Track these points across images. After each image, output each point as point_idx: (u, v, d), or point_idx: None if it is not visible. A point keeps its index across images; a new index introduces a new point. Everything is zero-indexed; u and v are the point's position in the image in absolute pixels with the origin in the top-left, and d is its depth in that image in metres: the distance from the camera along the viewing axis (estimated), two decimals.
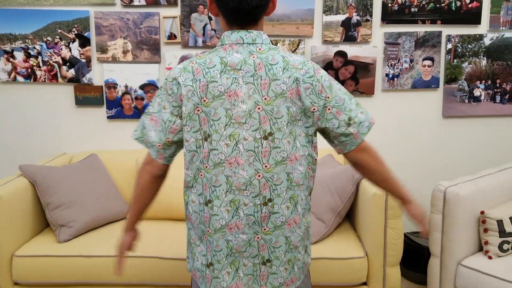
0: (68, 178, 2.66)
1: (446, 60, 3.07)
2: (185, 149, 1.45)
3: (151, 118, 1.46)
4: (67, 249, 2.40)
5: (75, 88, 3.10)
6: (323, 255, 2.33)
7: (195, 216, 1.49)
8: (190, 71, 1.41)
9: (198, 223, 1.49)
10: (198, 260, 1.52)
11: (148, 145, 1.49)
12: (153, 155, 1.49)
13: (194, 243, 1.53)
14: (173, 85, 1.42)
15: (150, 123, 1.46)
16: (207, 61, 1.42)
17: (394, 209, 2.27)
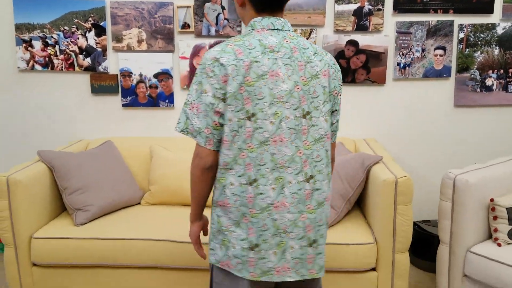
0: (84, 164, 2.73)
1: (458, 49, 3.07)
2: (227, 129, 1.46)
3: (191, 107, 1.46)
4: (84, 232, 2.47)
5: (91, 76, 3.16)
6: (333, 240, 2.37)
7: (234, 199, 1.49)
8: (230, 52, 1.44)
9: (238, 205, 1.49)
10: (235, 246, 1.51)
11: (194, 134, 1.47)
12: (201, 142, 1.47)
13: (227, 229, 1.51)
14: (214, 66, 1.43)
15: (192, 111, 1.46)
16: (245, 43, 1.47)
17: (404, 196, 2.30)
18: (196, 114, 1.46)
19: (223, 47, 1.46)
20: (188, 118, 1.47)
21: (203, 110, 1.45)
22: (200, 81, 1.45)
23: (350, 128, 3.20)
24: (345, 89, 3.15)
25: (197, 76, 1.46)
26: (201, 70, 1.45)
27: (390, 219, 2.33)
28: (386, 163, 2.54)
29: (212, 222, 1.56)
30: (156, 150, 2.95)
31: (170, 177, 2.81)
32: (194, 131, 1.47)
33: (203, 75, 1.44)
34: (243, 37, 1.49)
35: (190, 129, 1.48)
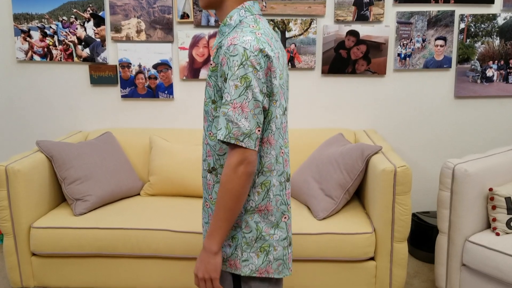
0: (83, 154, 2.73)
1: (459, 39, 3.06)
2: (274, 126, 1.39)
3: (233, 107, 1.29)
4: (83, 221, 2.47)
5: (90, 67, 3.16)
6: (332, 230, 2.37)
7: (276, 199, 1.45)
8: (265, 42, 1.36)
9: (279, 205, 1.46)
10: (277, 248, 1.46)
11: (241, 137, 1.30)
12: (252, 145, 1.31)
13: (267, 234, 1.44)
14: (260, 58, 1.31)
15: (235, 112, 1.29)
16: (265, 31, 1.40)
17: (403, 185, 2.30)
18: (242, 114, 1.30)
19: (254, 36, 1.34)
20: (231, 120, 1.30)
21: (252, 108, 1.30)
22: (244, 76, 1.30)
23: (350, 119, 3.19)
24: (345, 80, 3.14)
25: (237, 69, 1.30)
26: (243, 63, 1.30)
27: (389, 208, 2.33)
28: (386, 153, 2.53)
29: (245, 231, 1.43)
30: (156, 141, 2.95)
31: (169, 168, 2.81)
32: (242, 135, 1.30)
33: (248, 68, 1.30)
34: (254, 23, 1.41)
35: (235, 133, 1.30)
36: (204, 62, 3.11)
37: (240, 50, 1.32)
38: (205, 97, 1.47)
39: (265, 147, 1.40)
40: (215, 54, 1.41)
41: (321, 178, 2.62)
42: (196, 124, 3.22)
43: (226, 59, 1.33)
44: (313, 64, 3.11)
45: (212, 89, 1.42)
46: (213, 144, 1.45)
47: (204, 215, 1.54)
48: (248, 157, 1.32)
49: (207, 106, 1.46)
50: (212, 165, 1.46)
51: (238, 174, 1.32)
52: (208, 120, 1.46)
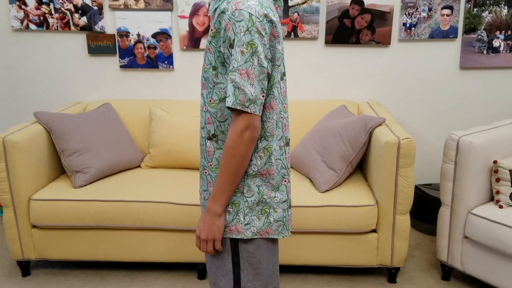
0: (82, 126, 2.69)
1: (466, 9, 2.98)
2: (276, 92, 1.40)
3: (239, 73, 1.29)
4: (83, 193, 2.45)
5: (88, 36, 3.08)
6: (334, 202, 2.35)
7: (276, 163, 1.46)
8: (268, 6, 1.36)
9: (279, 169, 1.47)
10: (277, 210, 1.48)
11: (247, 104, 1.30)
12: (257, 111, 1.32)
13: (268, 197, 1.46)
14: (265, 23, 1.31)
15: (241, 78, 1.29)
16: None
17: (406, 158, 2.27)
18: (248, 80, 1.30)
19: (257, 0, 1.32)
20: (238, 87, 1.30)
21: (257, 75, 1.31)
22: (250, 42, 1.29)
23: (353, 91, 3.14)
24: (349, 50, 3.07)
25: (244, 35, 1.28)
26: (249, 28, 1.28)
27: (392, 181, 2.31)
28: (389, 125, 2.49)
29: (247, 195, 1.44)
30: (156, 112, 2.90)
31: (170, 139, 2.78)
32: (248, 101, 1.31)
33: (255, 34, 1.29)
34: None
35: (241, 99, 1.30)
36: (205, 31, 3.04)
37: (246, 15, 1.30)
38: (205, 63, 1.44)
39: (267, 112, 1.41)
40: (216, 19, 1.38)
41: (323, 150, 2.58)
42: (197, 95, 3.17)
43: (231, 25, 1.31)
44: (316, 34, 3.04)
45: (213, 55, 1.40)
46: (213, 111, 1.43)
47: (203, 182, 1.54)
48: (254, 122, 1.33)
49: (207, 73, 1.43)
50: (213, 132, 1.45)
51: (244, 139, 1.34)
52: (208, 87, 1.44)
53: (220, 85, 1.40)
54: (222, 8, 1.37)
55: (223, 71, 1.39)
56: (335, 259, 2.43)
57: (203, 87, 1.47)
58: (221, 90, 1.40)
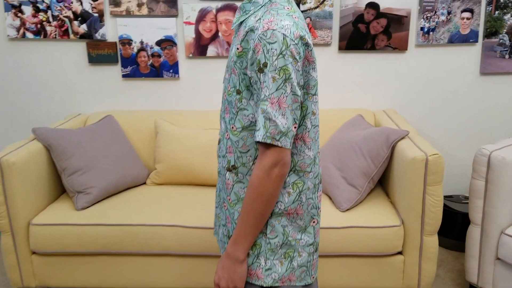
0: (84, 141, 2.52)
1: (487, 11, 2.82)
2: (309, 124, 1.25)
3: (271, 102, 1.14)
4: (86, 217, 2.28)
5: (88, 44, 2.91)
6: (357, 223, 2.20)
7: (307, 203, 1.30)
8: (303, 27, 1.20)
9: (310, 209, 1.31)
10: (302, 254, 1.32)
11: (277, 137, 1.15)
12: (288, 144, 1.17)
13: (293, 239, 1.30)
14: (299, 47, 1.16)
15: (273, 108, 1.14)
16: (300, 14, 1.24)
17: (435, 175, 2.11)
18: (280, 110, 1.15)
19: (292, 20, 1.17)
20: (269, 118, 1.14)
21: (289, 104, 1.15)
22: (283, 67, 1.13)
23: (368, 99, 2.98)
24: (364, 56, 2.91)
25: (276, 59, 1.13)
26: (282, 52, 1.13)
27: (419, 199, 2.15)
28: (413, 138, 2.33)
29: (270, 236, 1.28)
30: (162, 125, 2.74)
31: (177, 154, 2.61)
32: (279, 133, 1.15)
33: (288, 58, 1.13)
34: (289, 4, 1.23)
35: (272, 132, 1.15)
36: (212, 38, 2.87)
37: (280, 37, 1.14)
38: (228, 85, 1.27)
39: (298, 144, 1.26)
40: (243, 37, 1.21)
41: (342, 165, 2.42)
42: (204, 106, 3.00)
43: (262, 46, 1.15)
44: (330, 40, 2.87)
45: (237, 77, 1.24)
46: (235, 139, 1.27)
47: (222, 216, 1.38)
48: (284, 157, 1.18)
49: (230, 96, 1.27)
50: (233, 163, 1.29)
51: (272, 176, 1.18)
52: (231, 112, 1.28)
53: (244, 111, 1.24)
54: (250, 26, 1.20)
55: (247, 96, 1.22)
56: (359, 283, 2.27)
57: (225, 111, 1.30)
58: (244, 117, 1.24)
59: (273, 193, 1.20)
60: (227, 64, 1.30)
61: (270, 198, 1.20)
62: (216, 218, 1.43)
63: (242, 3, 1.28)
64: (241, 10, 1.28)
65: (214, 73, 2.95)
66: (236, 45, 1.24)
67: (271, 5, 1.22)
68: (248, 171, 1.27)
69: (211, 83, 2.96)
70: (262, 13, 1.21)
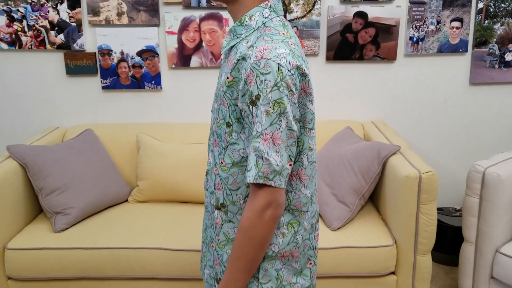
0: (61, 159, 2.40)
1: (477, 21, 2.77)
2: (306, 160, 1.15)
3: (264, 139, 1.04)
4: (65, 239, 2.16)
5: (66, 55, 2.79)
6: (349, 243, 2.12)
7: (304, 244, 1.20)
8: (299, 55, 1.10)
9: (306, 251, 1.21)
10: None
11: (271, 176, 1.05)
12: (282, 184, 1.07)
13: (288, 283, 1.19)
14: (296, 77, 1.06)
15: (266, 144, 1.04)
16: (296, 40, 1.14)
17: (428, 193, 2.04)
18: (273, 147, 1.05)
19: (287, 47, 1.07)
20: (262, 156, 1.04)
21: (284, 140, 1.05)
22: (278, 100, 1.03)
23: (356, 110, 2.91)
24: (352, 66, 2.83)
25: (270, 92, 1.03)
26: (277, 84, 1.03)
27: (412, 218, 2.08)
28: (404, 153, 2.27)
29: (263, 281, 1.17)
30: (144, 140, 2.62)
31: (160, 171, 2.50)
32: (272, 172, 1.05)
33: (284, 90, 1.04)
34: (285, 29, 1.13)
35: (265, 171, 1.05)
36: (195, 48, 2.77)
37: (274, 67, 1.04)
38: (218, 117, 1.17)
39: (293, 181, 1.15)
40: (233, 66, 1.11)
41: (332, 181, 2.35)
42: (188, 118, 2.90)
43: (255, 77, 1.05)
44: (317, 50, 2.79)
45: (227, 109, 1.13)
46: (224, 176, 1.17)
47: (209, 256, 1.28)
48: (278, 198, 1.08)
49: (220, 129, 1.17)
50: (222, 201, 1.19)
51: (265, 219, 1.07)
52: (220, 145, 1.18)
53: (234, 146, 1.14)
54: (241, 53, 1.10)
55: (238, 129, 1.12)
56: None
57: (214, 143, 1.20)
58: (235, 152, 1.14)
59: (266, 237, 1.09)
60: (215, 93, 1.20)
61: (262, 242, 1.09)
62: (203, 256, 1.33)
63: (233, 25, 1.17)
64: (232, 33, 1.17)
65: (198, 85, 2.85)
66: (226, 73, 1.13)
67: (265, 29, 1.12)
68: (239, 210, 1.17)
69: (195, 94, 2.86)
70: (255, 39, 1.11)
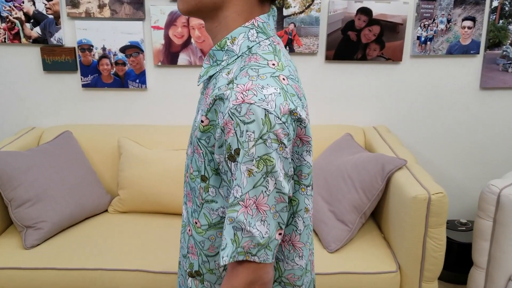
0: (34, 166, 2.18)
1: (490, 20, 2.55)
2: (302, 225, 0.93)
3: (245, 206, 0.82)
4: (35, 258, 1.96)
5: (42, 50, 2.55)
6: (348, 268, 1.92)
7: None
8: (294, 93, 0.87)
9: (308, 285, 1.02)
10: None
11: (255, 250, 0.83)
12: (269, 258, 0.84)
13: None
14: (289, 125, 0.83)
15: (248, 212, 0.82)
16: (290, 70, 0.91)
17: (438, 216, 1.85)
18: (258, 215, 0.82)
19: (278, 84, 0.84)
20: (242, 228, 0.82)
21: (272, 205, 0.83)
22: (264, 157, 0.81)
23: (357, 114, 2.70)
24: (353, 67, 2.62)
25: (254, 146, 0.80)
26: (263, 136, 0.80)
27: (419, 243, 1.89)
28: (411, 168, 2.07)
29: None
30: (126, 145, 2.41)
31: (143, 181, 2.29)
32: (255, 246, 0.82)
33: (272, 144, 0.81)
34: (276, 57, 0.89)
35: (246, 246, 0.82)
36: (184, 45, 2.54)
37: (259, 114, 0.80)
38: (191, 167, 0.94)
39: (285, 249, 0.93)
40: (210, 106, 0.87)
41: (331, 197, 2.14)
42: (175, 120, 2.68)
43: (234, 126, 0.81)
44: (316, 49, 2.57)
45: (202, 159, 0.90)
46: (200, 239, 0.95)
47: None
48: (262, 276, 0.84)
49: (193, 182, 0.94)
50: (197, 268, 0.97)
51: None
52: (194, 202, 0.95)
53: (211, 204, 0.91)
54: (219, 91, 0.86)
55: (216, 183, 0.89)
56: None
57: (188, 197, 0.97)
58: (212, 212, 0.92)
59: None
60: (190, 135, 0.97)
61: None
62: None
63: (212, 49, 0.93)
64: (211, 58, 0.94)
65: (186, 84, 2.62)
66: (201, 114, 0.90)
67: (250, 58, 0.88)
68: (218, 279, 0.95)
69: (183, 95, 2.64)
70: (238, 70, 0.87)
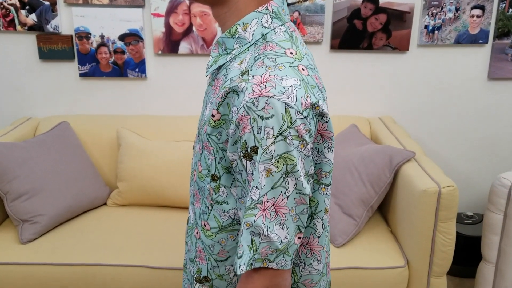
0: (31, 158, 2.11)
1: (500, 9, 2.48)
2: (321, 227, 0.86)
3: (263, 209, 0.75)
4: (31, 253, 1.90)
5: (38, 38, 2.47)
6: (355, 263, 1.87)
7: None
8: (315, 84, 0.79)
9: None
10: None
11: (274, 256, 0.77)
12: (288, 264, 0.78)
13: None
14: (310, 119, 0.76)
15: (266, 216, 0.75)
16: (309, 59, 0.83)
17: (448, 210, 1.79)
18: (276, 218, 0.75)
19: (298, 75, 0.76)
20: (259, 233, 0.75)
21: (292, 207, 0.76)
22: (283, 155, 0.73)
23: (362, 104, 2.63)
24: (359, 56, 2.55)
25: (273, 144, 0.73)
26: (283, 132, 0.73)
27: (428, 237, 1.83)
28: (419, 161, 2.01)
29: None
30: (125, 136, 2.34)
31: (143, 173, 2.23)
32: (274, 252, 0.76)
33: (293, 141, 0.73)
34: (293, 44, 0.81)
35: (264, 251, 0.76)
36: (185, 33, 2.47)
37: (279, 108, 0.72)
38: (199, 165, 0.87)
39: (302, 253, 0.87)
40: (222, 99, 0.79)
41: (337, 190, 2.09)
42: (175, 110, 2.61)
43: (250, 121, 0.73)
44: (321, 37, 2.50)
45: (213, 157, 0.82)
46: (209, 243, 0.88)
47: None
48: (280, 283, 0.78)
49: (202, 181, 0.86)
50: (205, 274, 0.90)
51: None
52: (202, 202, 0.88)
53: (222, 205, 0.84)
54: (232, 82, 0.78)
55: (228, 183, 0.82)
56: None
57: (195, 197, 0.90)
58: (223, 214, 0.84)
59: None
60: (198, 130, 0.88)
61: None
62: None
63: (221, 36, 0.85)
64: (220, 46, 0.85)
65: (186, 73, 2.55)
66: (211, 108, 0.82)
67: (265, 46, 0.80)
68: (228, 286, 0.88)
69: (183, 84, 2.57)
70: (252, 60, 0.79)
